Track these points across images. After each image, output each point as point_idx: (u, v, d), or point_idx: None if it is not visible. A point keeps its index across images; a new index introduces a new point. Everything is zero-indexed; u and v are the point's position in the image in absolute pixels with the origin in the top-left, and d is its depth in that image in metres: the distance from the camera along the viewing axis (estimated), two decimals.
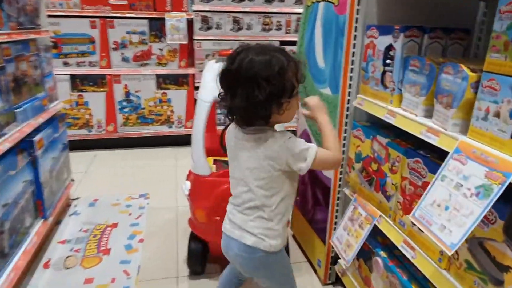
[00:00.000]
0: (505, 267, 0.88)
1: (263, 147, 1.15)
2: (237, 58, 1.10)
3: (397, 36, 1.27)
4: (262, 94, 1.05)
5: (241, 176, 1.22)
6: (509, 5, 0.86)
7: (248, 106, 1.08)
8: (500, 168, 0.85)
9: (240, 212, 1.24)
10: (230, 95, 1.12)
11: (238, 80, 1.09)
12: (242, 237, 1.21)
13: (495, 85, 0.89)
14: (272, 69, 1.06)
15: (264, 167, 1.16)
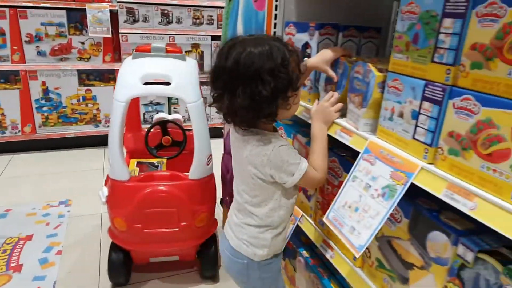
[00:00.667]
0: (409, 265, 0.90)
1: (248, 151, 1.05)
2: (231, 52, 0.97)
3: (312, 34, 1.26)
4: (267, 90, 0.94)
5: (235, 176, 1.18)
6: (410, 5, 0.86)
7: (251, 104, 0.96)
8: (404, 168, 0.85)
9: (234, 213, 1.21)
10: (228, 95, 0.99)
11: (237, 77, 0.96)
12: (231, 238, 1.17)
13: (398, 86, 0.90)
14: (275, 61, 0.95)
15: (246, 172, 1.08)
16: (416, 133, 0.85)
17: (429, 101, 0.81)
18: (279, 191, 1.09)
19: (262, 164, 1.03)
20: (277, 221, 1.12)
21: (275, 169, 1.03)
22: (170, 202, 1.63)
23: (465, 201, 0.71)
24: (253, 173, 1.06)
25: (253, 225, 1.12)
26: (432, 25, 0.79)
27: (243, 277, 1.18)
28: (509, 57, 0.65)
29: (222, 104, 1.02)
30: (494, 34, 0.67)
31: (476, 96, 0.71)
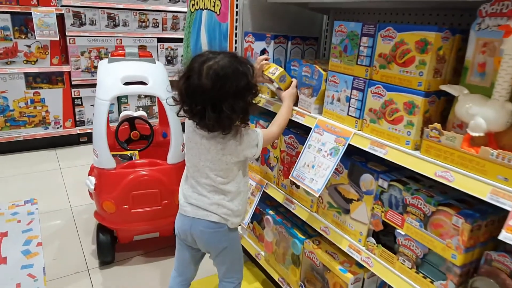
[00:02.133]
0: (350, 200, 1.34)
1: (221, 144, 1.28)
2: (208, 71, 1.16)
3: (269, 42, 1.64)
4: (246, 101, 1.22)
5: (200, 165, 1.33)
6: (340, 26, 1.28)
7: (235, 115, 1.19)
8: (343, 134, 1.28)
9: (202, 195, 1.35)
10: (212, 109, 1.17)
11: (220, 95, 1.16)
12: (208, 216, 1.35)
13: (336, 80, 1.32)
14: (247, 77, 1.20)
15: (222, 160, 1.30)
16: (349, 111, 1.28)
17: (356, 90, 1.24)
18: (241, 169, 1.38)
19: (236, 150, 1.30)
20: (243, 192, 1.43)
21: (249, 149, 1.35)
22: (153, 184, 1.92)
23: (380, 149, 1.15)
24: (230, 160, 1.30)
25: (227, 200, 1.35)
26: (355, 41, 1.23)
27: (223, 243, 1.41)
28: (399, 61, 1.10)
29: (205, 117, 1.19)
30: (391, 47, 1.12)
31: (383, 85, 1.15)
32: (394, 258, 1.20)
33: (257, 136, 1.35)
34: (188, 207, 1.38)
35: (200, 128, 1.26)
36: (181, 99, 1.25)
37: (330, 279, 1.46)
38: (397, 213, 1.16)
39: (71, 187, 2.98)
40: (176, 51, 4.12)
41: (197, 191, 1.37)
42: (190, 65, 1.22)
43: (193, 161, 1.36)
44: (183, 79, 1.22)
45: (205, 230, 1.37)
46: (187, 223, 1.39)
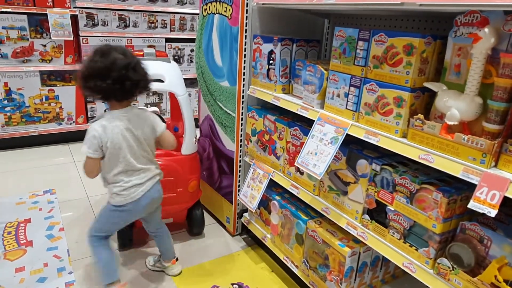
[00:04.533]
0: (348, 183, 1.53)
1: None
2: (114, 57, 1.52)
3: (276, 44, 1.84)
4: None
5: (141, 143, 1.70)
6: (340, 32, 1.48)
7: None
8: (342, 126, 1.48)
9: (149, 169, 1.74)
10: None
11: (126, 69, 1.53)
12: (158, 183, 1.77)
13: (336, 78, 1.52)
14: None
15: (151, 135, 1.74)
16: (347, 105, 1.48)
17: (353, 87, 1.44)
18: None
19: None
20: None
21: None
22: (169, 173, 2.11)
23: (374, 138, 1.35)
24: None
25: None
26: (353, 44, 1.42)
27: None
28: (390, 62, 1.29)
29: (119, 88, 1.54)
30: (383, 50, 1.32)
31: (376, 83, 1.35)
32: (385, 231, 1.39)
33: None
34: (139, 187, 1.69)
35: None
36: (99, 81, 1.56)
37: (330, 254, 1.66)
38: (388, 192, 1.36)
39: (87, 178, 3.17)
40: (183, 51, 4.31)
41: (142, 170, 1.70)
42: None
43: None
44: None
45: (159, 193, 1.80)
46: (143, 203, 1.72)
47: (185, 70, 4.37)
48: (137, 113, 1.69)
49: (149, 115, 1.76)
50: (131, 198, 1.69)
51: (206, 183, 2.63)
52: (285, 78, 1.89)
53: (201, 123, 2.61)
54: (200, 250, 2.30)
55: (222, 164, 2.40)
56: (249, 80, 2.07)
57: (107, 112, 1.66)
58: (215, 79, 2.30)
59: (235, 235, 2.46)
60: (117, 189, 1.68)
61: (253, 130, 2.09)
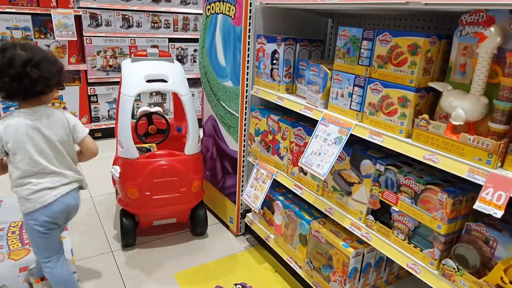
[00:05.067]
0: (351, 183, 1.52)
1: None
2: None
3: (279, 44, 1.83)
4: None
5: (54, 149, 1.58)
6: (344, 32, 1.47)
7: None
8: (345, 126, 1.47)
9: (54, 175, 1.59)
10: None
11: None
12: (72, 185, 1.66)
13: (340, 78, 1.51)
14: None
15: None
16: (351, 105, 1.47)
17: (357, 86, 1.43)
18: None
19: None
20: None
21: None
22: (172, 173, 2.11)
23: (378, 138, 1.34)
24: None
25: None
26: (357, 44, 1.42)
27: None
28: (394, 62, 1.28)
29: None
30: (387, 50, 1.31)
31: (381, 83, 1.34)
32: (390, 232, 1.38)
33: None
34: (55, 190, 1.58)
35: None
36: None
37: (333, 255, 1.65)
38: (392, 192, 1.35)
39: (90, 178, 3.17)
40: (186, 51, 4.32)
41: (54, 173, 1.58)
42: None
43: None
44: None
45: (76, 200, 1.71)
46: (60, 207, 1.62)
47: (188, 70, 4.37)
48: (49, 113, 1.57)
49: (63, 117, 1.61)
50: (40, 203, 1.55)
51: (209, 183, 2.62)
52: (288, 78, 1.88)
53: (204, 123, 2.61)
54: (203, 250, 2.30)
55: (226, 164, 2.39)
56: (253, 80, 2.07)
57: (14, 111, 1.54)
58: (218, 79, 2.30)
59: (238, 235, 2.45)
60: (25, 193, 1.55)
61: (256, 130, 2.09)
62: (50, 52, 1.64)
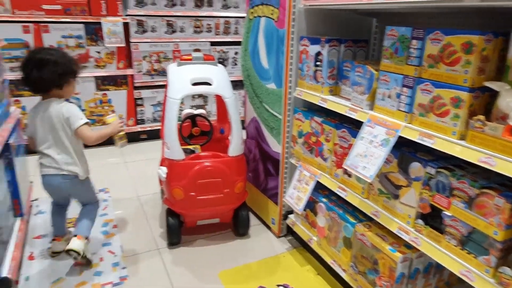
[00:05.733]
0: (399, 186, 1.49)
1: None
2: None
3: (323, 45, 1.82)
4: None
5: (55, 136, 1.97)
6: (391, 31, 1.44)
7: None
8: (393, 127, 1.44)
9: (47, 157, 1.97)
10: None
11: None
12: (60, 170, 1.98)
13: (387, 79, 1.48)
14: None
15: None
16: (399, 106, 1.44)
17: (406, 87, 1.40)
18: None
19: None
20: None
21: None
22: (216, 174, 2.16)
23: (429, 140, 1.30)
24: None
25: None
26: (406, 43, 1.38)
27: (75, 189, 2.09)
28: (446, 61, 1.24)
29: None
30: (439, 49, 1.27)
31: (432, 83, 1.30)
32: (441, 237, 1.34)
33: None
34: (51, 169, 1.99)
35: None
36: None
37: (379, 259, 1.62)
38: (444, 196, 1.30)
39: (137, 178, 3.32)
40: (227, 53, 4.39)
41: (47, 155, 1.97)
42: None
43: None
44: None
45: (63, 181, 2.03)
46: (50, 182, 2.04)
47: (229, 72, 4.42)
48: (48, 106, 1.92)
49: (61, 110, 1.92)
50: (40, 172, 2.01)
51: (252, 185, 2.65)
52: (332, 79, 1.87)
53: (247, 125, 2.64)
54: (245, 250, 2.33)
55: (268, 165, 2.41)
56: (296, 82, 2.08)
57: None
58: (261, 81, 2.32)
59: (280, 236, 2.46)
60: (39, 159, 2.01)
61: (299, 132, 2.09)
62: (59, 54, 1.96)
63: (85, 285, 2.01)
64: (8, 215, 2.07)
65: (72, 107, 1.97)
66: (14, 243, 2.04)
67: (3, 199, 1.98)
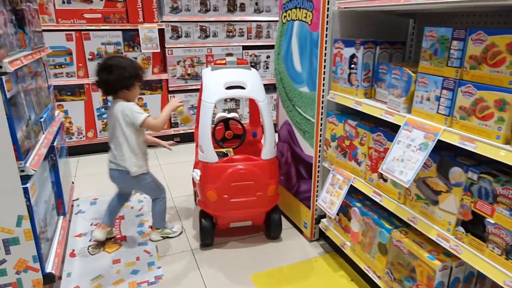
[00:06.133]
0: (438, 192, 1.44)
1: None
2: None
3: (358, 48, 1.80)
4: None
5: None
6: (430, 32, 1.40)
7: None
8: (432, 131, 1.40)
9: (110, 150, 2.23)
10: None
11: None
12: (114, 165, 2.23)
13: (425, 81, 1.44)
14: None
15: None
16: (439, 109, 1.39)
17: (446, 89, 1.35)
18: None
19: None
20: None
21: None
22: (249, 177, 2.18)
23: (470, 144, 1.25)
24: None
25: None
26: (446, 44, 1.34)
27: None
28: (490, 62, 1.19)
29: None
30: (481, 50, 1.22)
31: (474, 85, 1.25)
32: (484, 246, 1.28)
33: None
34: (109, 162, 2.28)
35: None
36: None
37: (417, 267, 1.57)
38: (487, 203, 1.25)
39: (171, 180, 3.40)
40: (259, 57, 4.42)
41: (110, 148, 2.23)
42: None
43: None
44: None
45: (116, 175, 2.28)
46: (109, 172, 2.29)
47: (261, 76, 4.44)
48: (114, 104, 2.16)
49: (121, 109, 2.11)
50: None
51: (284, 188, 2.65)
52: (367, 82, 1.84)
53: (279, 129, 2.65)
54: (277, 254, 2.33)
55: (300, 169, 2.40)
56: (329, 85, 2.06)
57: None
58: (294, 84, 2.32)
59: (312, 240, 2.44)
60: None
61: (332, 136, 2.07)
62: (126, 61, 2.17)
63: (122, 283, 2.08)
64: (52, 214, 2.18)
65: (131, 105, 2.15)
66: (57, 241, 2.14)
67: (48, 199, 2.09)
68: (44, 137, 2.13)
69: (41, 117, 2.17)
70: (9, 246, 1.68)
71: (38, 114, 2.15)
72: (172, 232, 2.51)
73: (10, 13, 1.89)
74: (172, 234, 2.49)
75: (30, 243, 1.71)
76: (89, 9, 3.69)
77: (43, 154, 1.93)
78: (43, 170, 2.04)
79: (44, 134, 2.16)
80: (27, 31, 2.09)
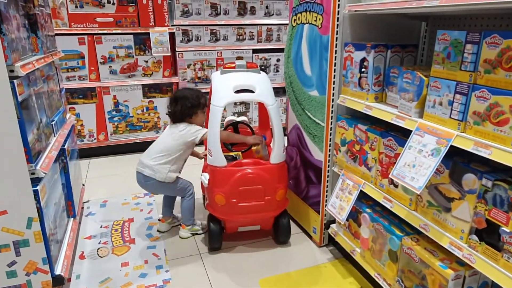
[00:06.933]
0: (451, 199, 1.40)
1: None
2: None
3: (369, 52, 1.77)
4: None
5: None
6: (443, 35, 1.37)
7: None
8: (444, 136, 1.36)
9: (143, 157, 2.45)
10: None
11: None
12: (144, 171, 2.42)
13: (438, 85, 1.41)
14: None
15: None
16: (451, 114, 1.36)
17: (459, 94, 1.32)
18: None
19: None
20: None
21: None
22: (258, 181, 2.16)
23: (485, 150, 1.22)
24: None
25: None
26: (459, 48, 1.31)
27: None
28: (505, 66, 1.16)
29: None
30: (496, 53, 1.19)
31: (488, 89, 1.22)
32: (498, 255, 1.24)
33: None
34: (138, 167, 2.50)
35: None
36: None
37: (428, 275, 1.53)
38: (502, 211, 1.21)
39: None
40: (269, 61, 4.42)
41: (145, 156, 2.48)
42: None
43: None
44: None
45: (142, 180, 2.51)
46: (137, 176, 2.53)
47: (271, 79, 4.42)
48: (171, 128, 2.44)
49: (180, 130, 2.36)
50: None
51: (293, 192, 2.63)
52: (378, 86, 1.81)
53: (288, 132, 2.63)
54: (286, 259, 2.30)
55: (310, 173, 2.38)
56: (339, 89, 2.04)
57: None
58: (304, 88, 2.31)
59: (321, 246, 2.41)
60: None
61: (342, 140, 2.04)
62: (190, 92, 2.43)
63: (130, 286, 2.08)
64: (62, 216, 2.19)
65: (191, 126, 2.37)
66: (67, 243, 2.15)
67: (59, 201, 2.10)
68: (55, 139, 2.15)
69: (53, 120, 2.20)
70: (19, 248, 1.70)
71: (50, 117, 2.17)
72: (201, 229, 2.59)
73: (23, 17, 1.91)
74: (200, 231, 2.58)
75: (39, 245, 1.72)
76: (101, 13, 3.73)
77: (53, 157, 1.94)
78: (54, 172, 2.06)
79: (55, 136, 2.19)
80: (39, 35, 2.11)
